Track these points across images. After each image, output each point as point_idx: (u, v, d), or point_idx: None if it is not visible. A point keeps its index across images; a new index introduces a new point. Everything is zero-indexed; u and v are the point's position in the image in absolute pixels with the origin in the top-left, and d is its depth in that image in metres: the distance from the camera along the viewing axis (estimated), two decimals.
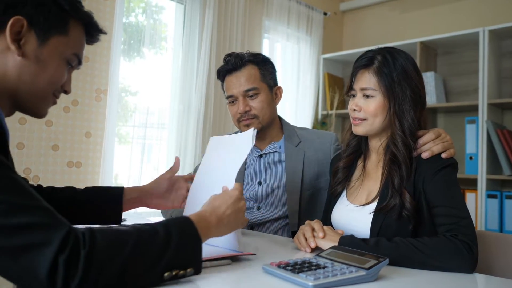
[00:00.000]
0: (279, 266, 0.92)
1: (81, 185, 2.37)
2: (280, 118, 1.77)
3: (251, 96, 1.62)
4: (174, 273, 0.79)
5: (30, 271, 0.66)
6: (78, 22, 0.96)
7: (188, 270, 0.81)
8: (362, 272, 0.89)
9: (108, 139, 2.40)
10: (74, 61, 0.97)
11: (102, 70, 2.45)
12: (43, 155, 2.21)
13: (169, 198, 1.33)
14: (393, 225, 1.19)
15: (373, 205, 1.24)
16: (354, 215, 1.28)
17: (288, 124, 1.76)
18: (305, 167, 1.63)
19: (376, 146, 1.33)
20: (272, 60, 1.73)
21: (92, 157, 2.42)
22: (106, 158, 2.39)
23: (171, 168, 1.35)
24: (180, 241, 0.80)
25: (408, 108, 1.23)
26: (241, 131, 1.71)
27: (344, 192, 1.37)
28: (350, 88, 1.31)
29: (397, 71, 1.23)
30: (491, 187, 2.85)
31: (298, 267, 0.91)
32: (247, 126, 1.63)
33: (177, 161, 1.36)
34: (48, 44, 0.90)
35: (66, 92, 0.99)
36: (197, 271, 0.84)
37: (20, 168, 2.14)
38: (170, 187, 1.33)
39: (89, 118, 2.41)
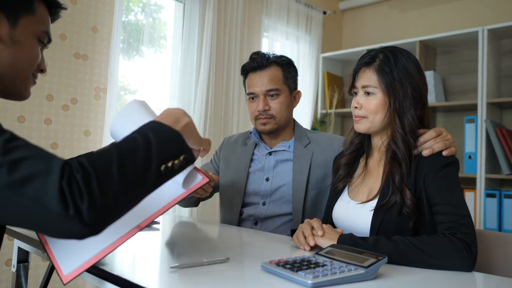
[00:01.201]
0: (278, 264, 0.92)
1: None
2: (294, 120, 1.82)
3: (272, 96, 1.67)
4: (169, 164, 0.80)
5: (39, 202, 0.65)
6: (40, 0, 0.98)
7: (182, 158, 0.82)
8: (361, 271, 0.89)
9: (108, 137, 2.40)
10: (45, 38, 1.00)
11: (101, 68, 2.45)
12: None
13: None
14: (393, 222, 1.19)
15: (374, 202, 1.24)
16: (355, 212, 1.28)
17: (300, 126, 1.81)
18: (312, 167, 1.66)
19: (378, 144, 1.34)
20: (292, 62, 1.77)
21: None
22: None
23: None
24: (159, 137, 0.80)
25: (409, 106, 1.24)
26: (256, 129, 1.76)
27: (346, 189, 1.38)
28: (352, 86, 1.33)
29: (398, 69, 1.25)
30: (490, 186, 2.85)
31: (297, 265, 0.91)
32: (264, 125, 1.69)
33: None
34: (19, 25, 0.92)
35: (42, 71, 1.02)
36: (191, 158, 0.86)
37: None
38: None
39: (88, 117, 2.41)
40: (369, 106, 1.27)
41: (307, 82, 3.64)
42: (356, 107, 1.29)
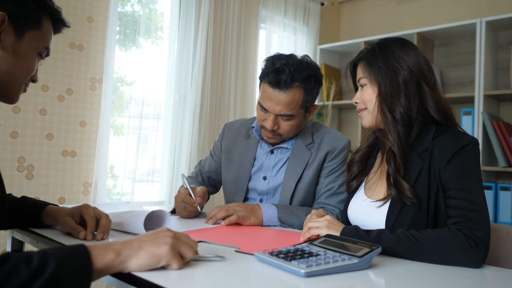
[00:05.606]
0: (271, 253, 0.92)
1: (76, 174, 2.37)
2: None
3: (284, 118, 1.57)
4: None
5: None
6: (48, 17, 1.04)
7: None
8: (355, 260, 0.89)
9: (103, 128, 2.39)
10: (44, 53, 1.05)
11: (97, 58, 2.43)
12: (37, 144, 2.20)
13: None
14: (407, 222, 1.15)
15: (387, 204, 1.21)
16: (370, 210, 1.25)
17: (307, 124, 1.72)
18: (306, 169, 1.62)
19: None
20: (321, 79, 1.61)
21: (87, 147, 2.41)
22: (101, 148, 2.38)
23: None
24: (58, 271, 0.69)
25: (398, 92, 1.21)
26: (259, 134, 1.69)
27: (363, 186, 1.34)
28: (354, 84, 1.35)
29: (384, 56, 1.24)
30: (486, 178, 2.86)
31: (290, 255, 0.91)
32: (269, 139, 1.63)
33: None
34: (24, 38, 0.97)
35: (34, 81, 1.07)
36: None
37: (14, 157, 2.13)
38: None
39: (84, 107, 2.40)
40: (364, 97, 1.27)
41: None
42: (357, 102, 1.31)
